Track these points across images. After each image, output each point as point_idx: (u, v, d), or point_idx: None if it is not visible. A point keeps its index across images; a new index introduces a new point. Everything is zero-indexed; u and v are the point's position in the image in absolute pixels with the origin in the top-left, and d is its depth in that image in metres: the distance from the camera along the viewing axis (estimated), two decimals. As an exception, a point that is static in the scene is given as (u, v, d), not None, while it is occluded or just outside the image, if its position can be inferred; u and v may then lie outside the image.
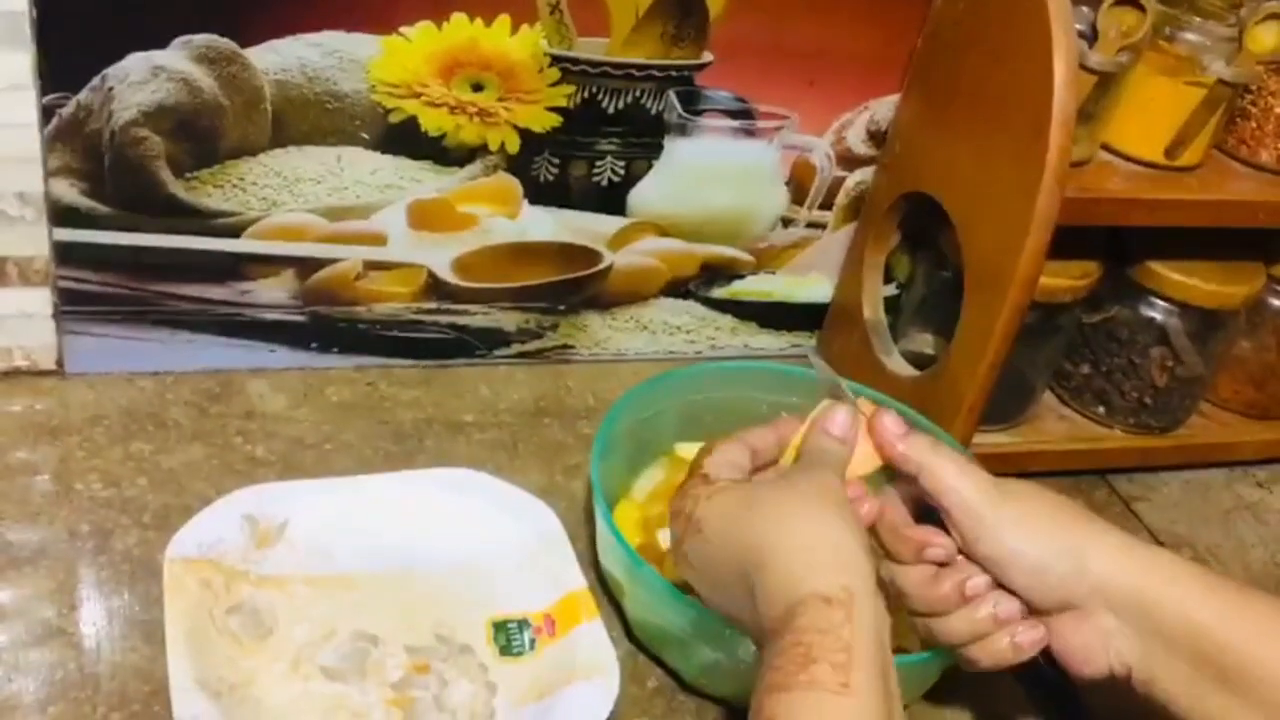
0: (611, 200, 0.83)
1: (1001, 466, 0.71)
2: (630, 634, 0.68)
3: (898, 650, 0.66)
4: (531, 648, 0.64)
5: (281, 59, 0.72)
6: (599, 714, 0.59)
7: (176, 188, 0.74)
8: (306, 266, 0.79)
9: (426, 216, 0.80)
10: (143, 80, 0.70)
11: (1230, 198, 0.81)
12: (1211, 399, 0.95)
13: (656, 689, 0.66)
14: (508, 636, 0.64)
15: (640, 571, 0.63)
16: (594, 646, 0.63)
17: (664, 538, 0.70)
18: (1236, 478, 0.95)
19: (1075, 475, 0.90)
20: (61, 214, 0.72)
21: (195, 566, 0.62)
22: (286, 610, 0.63)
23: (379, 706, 0.60)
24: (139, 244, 0.75)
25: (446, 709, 0.60)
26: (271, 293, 0.80)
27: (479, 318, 0.85)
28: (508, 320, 0.86)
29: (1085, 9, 0.73)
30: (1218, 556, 0.86)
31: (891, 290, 0.91)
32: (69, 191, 0.72)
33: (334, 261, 0.80)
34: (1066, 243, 0.73)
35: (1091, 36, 0.73)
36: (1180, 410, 0.91)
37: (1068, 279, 0.81)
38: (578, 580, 0.66)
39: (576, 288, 0.86)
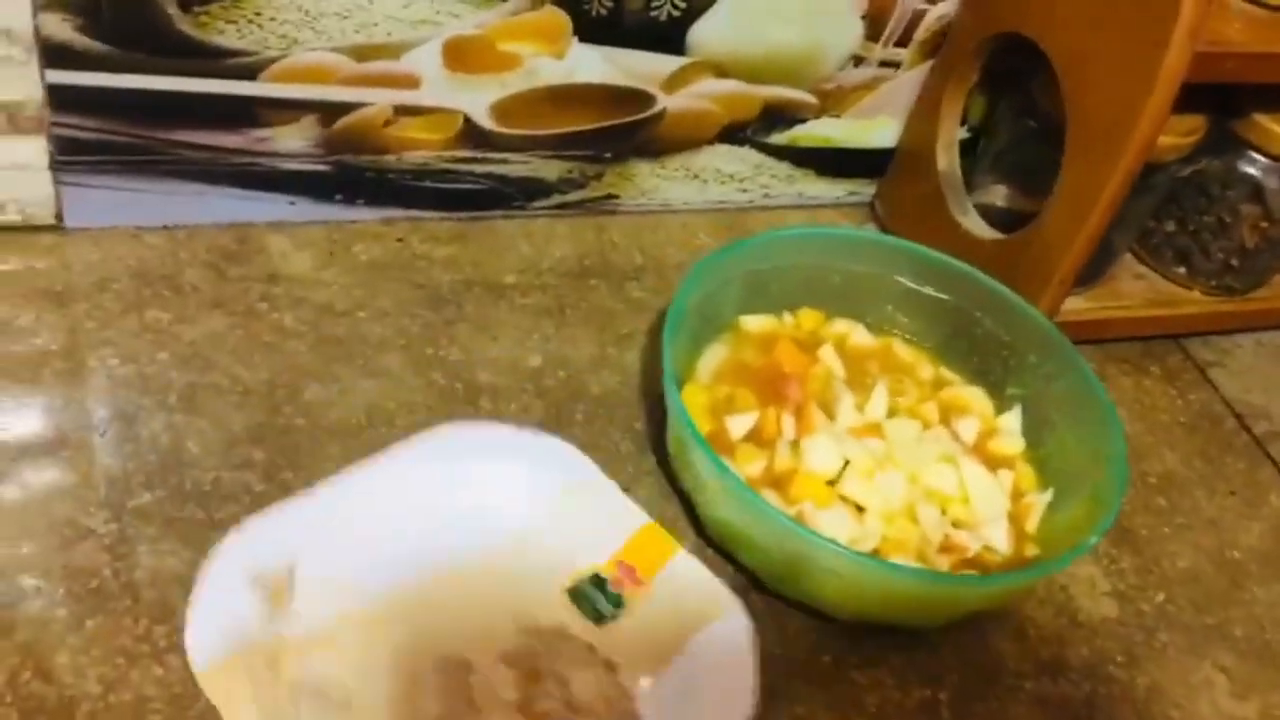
0: (669, 38, 0.75)
1: (1071, 335, 0.67)
2: (699, 529, 0.63)
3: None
4: (619, 605, 0.57)
5: (300, -128, 0.62)
6: (739, 658, 0.54)
7: (184, 23, 0.65)
8: (330, 111, 0.71)
9: (464, 56, 0.71)
10: (140, -103, 0.60)
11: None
12: (1298, 261, 0.89)
13: (730, 589, 0.62)
14: (590, 601, 0.57)
15: (717, 470, 0.57)
16: (696, 585, 0.57)
17: (732, 425, 0.65)
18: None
19: (1147, 340, 0.85)
20: (54, 53, 0.63)
21: (231, 667, 0.51)
22: (349, 668, 0.52)
23: (510, 732, 0.51)
24: (143, 86, 0.66)
25: (580, 709, 0.53)
26: (291, 140, 0.71)
27: (518, 167, 0.77)
28: (549, 169, 0.78)
29: None
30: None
31: (962, 134, 0.83)
32: (62, 27, 0.63)
33: (361, 106, 0.71)
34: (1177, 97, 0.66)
35: None
36: (1266, 273, 0.86)
37: (1174, 136, 0.73)
38: (638, 517, 0.60)
39: (626, 134, 0.78)
